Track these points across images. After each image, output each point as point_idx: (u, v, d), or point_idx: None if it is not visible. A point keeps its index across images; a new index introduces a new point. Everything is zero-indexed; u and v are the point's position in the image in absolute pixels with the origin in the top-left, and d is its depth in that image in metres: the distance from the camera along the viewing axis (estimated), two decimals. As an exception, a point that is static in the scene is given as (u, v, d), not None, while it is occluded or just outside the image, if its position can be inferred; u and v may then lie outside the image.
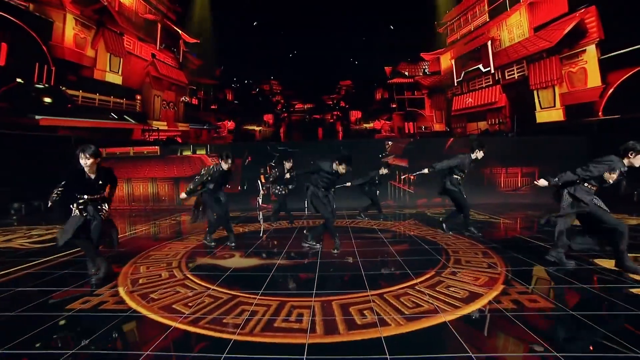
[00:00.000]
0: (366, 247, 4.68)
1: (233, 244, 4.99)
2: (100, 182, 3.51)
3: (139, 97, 13.68)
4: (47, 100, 10.35)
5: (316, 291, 3.10)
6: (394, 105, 19.01)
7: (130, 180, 10.23)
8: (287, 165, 6.76)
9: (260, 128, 20.29)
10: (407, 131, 18.48)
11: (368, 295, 2.96)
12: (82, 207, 3.41)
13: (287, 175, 6.66)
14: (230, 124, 18.67)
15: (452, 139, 10.40)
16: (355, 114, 21.09)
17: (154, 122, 14.58)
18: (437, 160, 5.19)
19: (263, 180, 9.78)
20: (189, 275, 3.69)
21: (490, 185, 9.67)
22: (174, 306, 2.84)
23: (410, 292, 3.01)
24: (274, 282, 3.41)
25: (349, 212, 7.93)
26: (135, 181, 10.22)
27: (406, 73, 18.94)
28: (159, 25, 14.70)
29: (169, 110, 15.51)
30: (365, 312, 2.64)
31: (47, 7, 10.20)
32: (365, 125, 20.65)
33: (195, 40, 16.74)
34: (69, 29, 10.63)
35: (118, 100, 12.67)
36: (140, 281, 3.52)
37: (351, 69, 18.88)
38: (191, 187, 4.85)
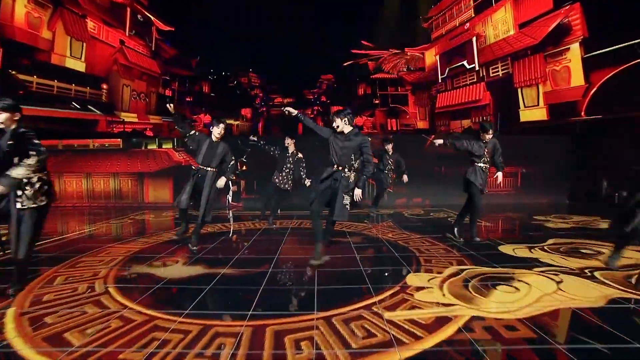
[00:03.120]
0: (329, 254, 4.13)
1: (195, 248, 4.32)
2: (10, 143, 2.64)
3: (105, 87, 12.75)
4: (-7, 84, 9.41)
5: (252, 312, 2.55)
6: (377, 101, 18.59)
7: (89, 175, 9.42)
8: (291, 147, 5.67)
9: (237, 122, 19.55)
10: (389, 128, 18.11)
11: (313, 319, 2.43)
12: None
13: (300, 155, 5.67)
14: (206, 118, 17.92)
15: (432, 135, 10.01)
16: (337, 110, 20.67)
17: (123, 114, 13.66)
18: (415, 156, 4.67)
19: (234, 177, 9.16)
20: (110, 289, 3.08)
21: (472, 185, 9.32)
22: (64, 335, 2.24)
23: (365, 315, 2.50)
24: (207, 298, 2.85)
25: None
26: (95, 176, 9.42)
27: (390, 69, 18.60)
28: (128, 10, 13.76)
29: (140, 102, 14.61)
30: (302, 343, 2.10)
31: (-7, -19, 9.24)
32: (347, 121, 20.23)
33: (169, 28, 15.85)
34: (20, 7, 9.63)
35: (81, 88, 11.72)
36: (45, 297, 2.89)
37: (333, 62, 18.40)
38: (181, 125, 4.30)
